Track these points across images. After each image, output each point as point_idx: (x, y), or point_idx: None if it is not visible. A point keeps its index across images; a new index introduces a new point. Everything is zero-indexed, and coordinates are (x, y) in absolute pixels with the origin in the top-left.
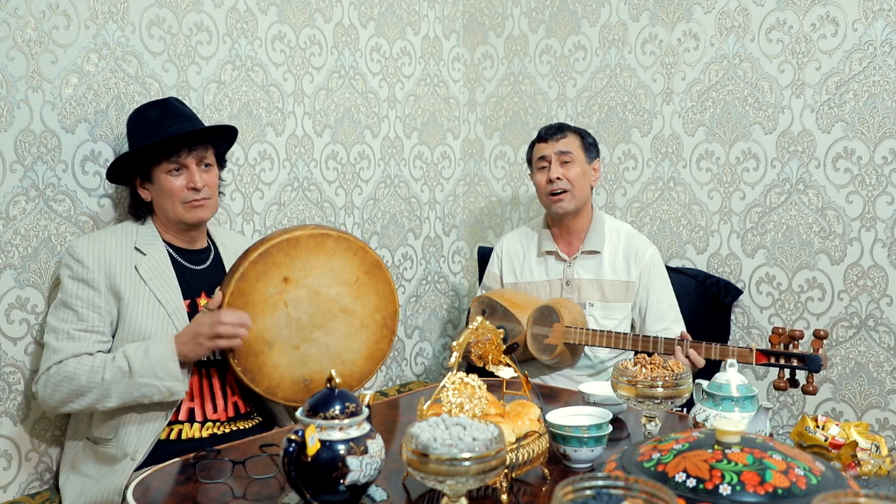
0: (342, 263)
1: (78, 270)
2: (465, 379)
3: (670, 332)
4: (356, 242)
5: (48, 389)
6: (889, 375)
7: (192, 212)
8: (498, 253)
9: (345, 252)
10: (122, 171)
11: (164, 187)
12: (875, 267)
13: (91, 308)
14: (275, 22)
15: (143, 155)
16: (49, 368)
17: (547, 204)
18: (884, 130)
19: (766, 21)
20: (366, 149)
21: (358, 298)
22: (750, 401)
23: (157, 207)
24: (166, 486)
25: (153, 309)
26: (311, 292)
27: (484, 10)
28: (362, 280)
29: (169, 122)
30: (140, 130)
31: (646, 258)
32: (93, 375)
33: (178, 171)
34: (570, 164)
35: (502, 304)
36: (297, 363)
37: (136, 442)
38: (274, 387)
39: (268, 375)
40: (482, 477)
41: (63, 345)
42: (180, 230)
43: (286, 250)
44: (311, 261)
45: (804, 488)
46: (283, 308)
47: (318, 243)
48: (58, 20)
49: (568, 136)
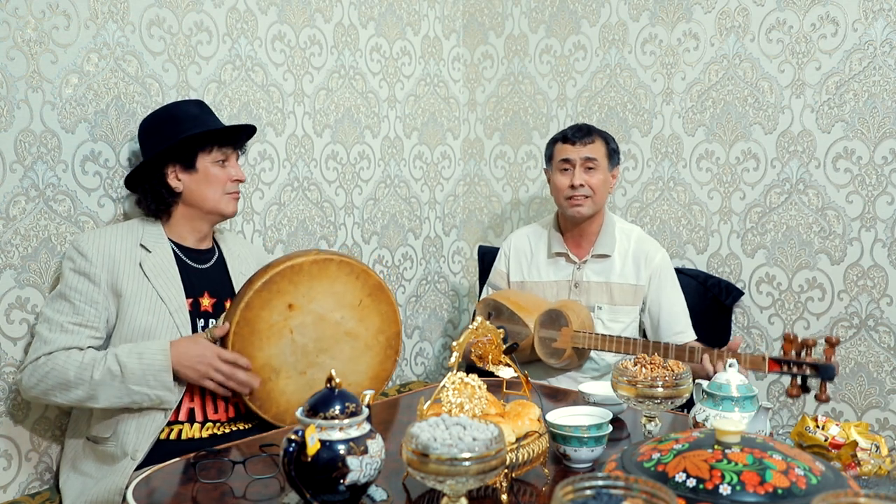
0: (345, 287)
1: (80, 264)
2: (465, 379)
3: (685, 336)
4: (358, 266)
5: (33, 379)
6: (889, 375)
7: (233, 203)
8: (506, 251)
9: (347, 276)
10: (153, 162)
11: (211, 175)
12: (875, 267)
13: (88, 303)
14: (275, 22)
15: (188, 144)
16: (38, 358)
17: (564, 206)
18: (884, 130)
19: (766, 21)
20: (366, 149)
21: (361, 321)
22: (750, 401)
23: (193, 197)
24: (166, 485)
25: (155, 306)
26: (315, 317)
27: (484, 10)
28: (365, 302)
29: (211, 118)
30: (181, 123)
31: (656, 262)
32: (82, 372)
33: (223, 164)
34: (593, 171)
35: (508, 306)
36: (304, 388)
37: (136, 441)
38: (282, 413)
39: (275, 402)
40: (482, 477)
41: (55, 336)
42: (198, 226)
43: (289, 277)
44: (315, 286)
45: (804, 488)
46: (289, 335)
47: (321, 269)
48: (58, 20)
49: (595, 141)
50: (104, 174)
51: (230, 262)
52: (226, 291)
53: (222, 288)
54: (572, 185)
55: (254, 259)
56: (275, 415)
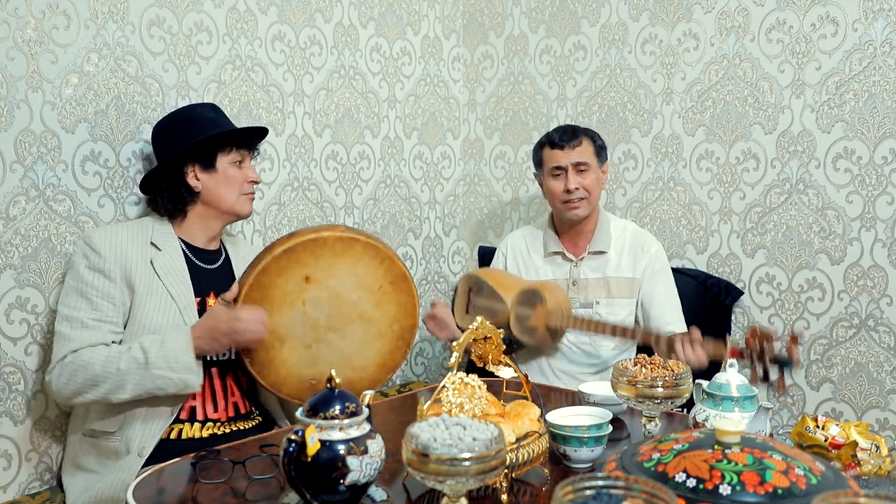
0: (367, 270)
1: (95, 260)
2: (465, 379)
3: (675, 329)
4: (385, 251)
5: (62, 378)
6: (889, 375)
7: (248, 204)
8: (503, 251)
9: (371, 259)
10: (172, 162)
11: (229, 176)
12: (875, 267)
13: (106, 298)
14: (275, 22)
15: (208, 144)
16: (64, 357)
17: (561, 210)
18: (884, 130)
19: (766, 21)
20: (366, 149)
21: (378, 306)
22: (750, 401)
23: (211, 196)
24: (166, 485)
25: (165, 304)
26: (331, 294)
27: (484, 10)
28: (385, 289)
29: (227, 121)
30: (200, 124)
31: (651, 253)
32: (108, 365)
33: (240, 165)
34: (585, 172)
35: (489, 282)
36: (306, 362)
37: (142, 438)
38: (280, 382)
39: (275, 370)
40: (482, 477)
41: (78, 333)
42: (212, 225)
43: (312, 249)
44: (336, 263)
45: (804, 488)
46: (301, 306)
47: (346, 247)
48: (58, 20)
49: (583, 142)
50: (104, 174)
51: (236, 263)
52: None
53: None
54: (567, 189)
55: None
56: (272, 382)
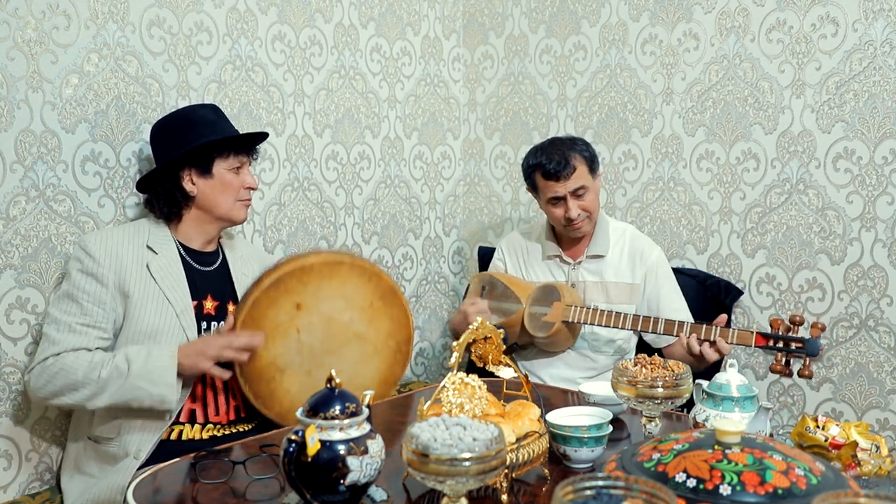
0: (355, 289)
1: (88, 264)
2: (465, 379)
3: None
4: (371, 268)
5: (41, 380)
6: (889, 375)
7: (244, 210)
8: (502, 251)
9: (358, 278)
10: (171, 164)
11: (226, 182)
12: (875, 267)
13: (96, 303)
14: (275, 22)
15: (206, 149)
16: (46, 359)
17: (565, 231)
18: (884, 130)
19: (767, 21)
20: (366, 149)
21: (371, 323)
22: (750, 401)
23: (206, 201)
24: (167, 485)
25: (162, 307)
26: (323, 318)
27: (484, 10)
28: (376, 305)
29: (227, 124)
30: (199, 127)
31: (651, 259)
32: (90, 372)
33: (237, 171)
34: (584, 195)
35: (503, 281)
36: (309, 389)
37: (140, 441)
38: (285, 412)
39: (279, 401)
40: (482, 477)
41: (63, 337)
42: (208, 229)
43: (299, 277)
44: (324, 287)
45: (804, 488)
46: (296, 334)
47: (332, 270)
48: (58, 20)
49: (577, 168)
50: (104, 174)
51: (233, 264)
52: (228, 294)
53: (225, 290)
54: (569, 217)
55: (256, 260)
56: (277, 413)
